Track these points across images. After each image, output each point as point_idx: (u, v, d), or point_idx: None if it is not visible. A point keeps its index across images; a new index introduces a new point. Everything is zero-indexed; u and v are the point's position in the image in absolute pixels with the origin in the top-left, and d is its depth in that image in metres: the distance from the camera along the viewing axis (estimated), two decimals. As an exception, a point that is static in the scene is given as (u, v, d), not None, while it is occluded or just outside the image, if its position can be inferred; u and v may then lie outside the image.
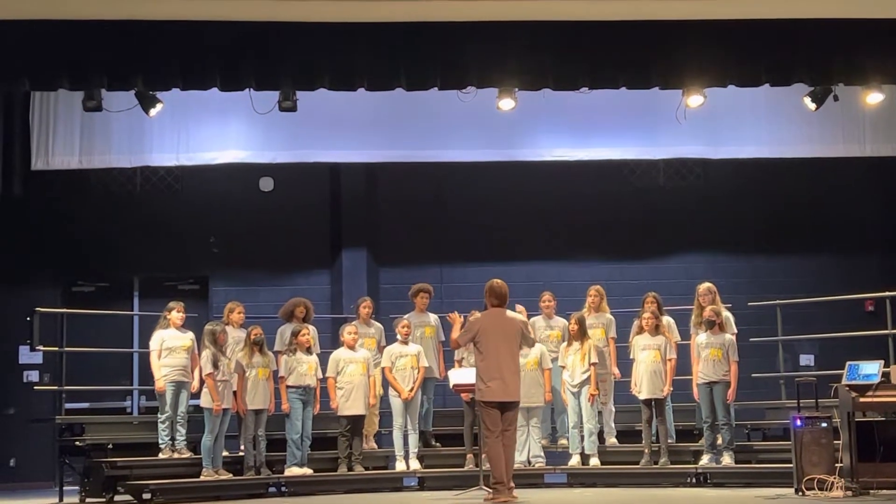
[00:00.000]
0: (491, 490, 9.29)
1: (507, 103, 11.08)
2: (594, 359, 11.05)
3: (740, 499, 9.81)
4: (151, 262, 13.81)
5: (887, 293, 11.37)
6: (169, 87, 10.33)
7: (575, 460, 11.16)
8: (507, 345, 9.27)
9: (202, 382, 10.69)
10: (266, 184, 14.01)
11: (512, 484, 9.30)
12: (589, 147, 13.25)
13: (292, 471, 10.88)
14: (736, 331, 11.19)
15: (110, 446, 10.95)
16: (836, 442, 9.66)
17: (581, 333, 11.13)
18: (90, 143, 12.73)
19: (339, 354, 11.18)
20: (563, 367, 11.20)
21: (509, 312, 9.48)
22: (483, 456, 10.19)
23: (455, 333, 9.60)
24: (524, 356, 10.97)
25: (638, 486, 10.92)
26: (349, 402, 11.02)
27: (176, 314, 11.02)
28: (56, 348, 11.35)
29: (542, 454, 11.21)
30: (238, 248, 13.90)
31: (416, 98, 11.03)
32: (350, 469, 11.03)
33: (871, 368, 9.60)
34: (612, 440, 11.44)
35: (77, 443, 10.97)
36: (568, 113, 12.70)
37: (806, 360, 13.87)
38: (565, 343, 11.31)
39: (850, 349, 11.15)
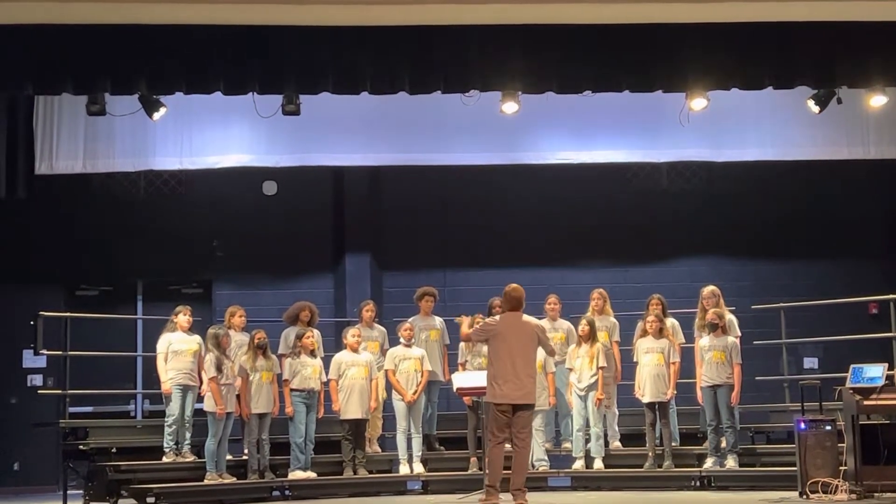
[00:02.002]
0: (486, 493, 9.31)
1: (510, 106, 11.08)
2: (602, 363, 11.04)
3: (744, 502, 9.81)
4: (155, 266, 13.84)
5: (891, 296, 11.36)
6: (172, 91, 10.34)
7: (579, 464, 11.14)
8: (522, 348, 9.24)
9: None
10: (269, 187, 14.03)
11: (525, 488, 9.25)
12: (592, 150, 13.26)
13: (296, 474, 10.88)
14: (739, 333, 11.17)
15: (114, 450, 10.94)
16: (840, 445, 9.65)
17: (591, 336, 11.11)
18: (94, 147, 12.74)
19: (341, 357, 11.18)
20: (571, 370, 11.19)
21: (525, 317, 9.46)
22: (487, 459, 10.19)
23: (465, 328, 9.66)
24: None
25: (642, 489, 10.91)
26: (349, 405, 11.01)
27: (183, 318, 11.03)
28: (60, 352, 11.35)
29: (546, 458, 11.20)
30: (241, 252, 13.92)
31: (419, 101, 11.02)
32: (354, 473, 11.02)
33: (875, 371, 9.60)
34: (615, 443, 11.42)
35: (81, 447, 10.96)
36: (571, 116, 12.71)
37: (810, 363, 13.86)
38: (574, 345, 11.29)
39: (854, 352, 11.13)
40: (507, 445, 9.39)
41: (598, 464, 11.10)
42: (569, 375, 11.22)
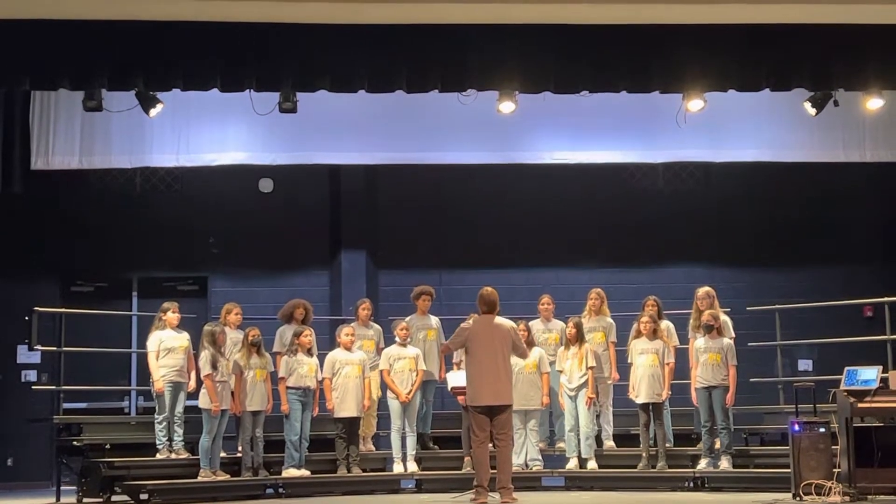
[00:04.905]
0: (475, 493, 9.38)
1: (507, 106, 11.09)
2: (591, 363, 11.06)
3: (737, 503, 9.81)
4: (150, 262, 13.84)
5: (886, 299, 11.38)
6: (169, 88, 10.31)
7: (572, 464, 11.16)
8: (496, 350, 9.42)
9: (200, 383, 10.69)
10: (266, 185, 14.02)
11: (511, 486, 9.38)
12: (589, 150, 13.27)
13: (290, 472, 10.88)
14: (734, 335, 11.17)
15: (108, 446, 10.94)
16: (833, 447, 9.65)
17: (579, 337, 11.15)
18: (90, 143, 12.73)
19: (336, 356, 11.18)
20: (561, 372, 11.20)
21: (499, 319, 9.62)
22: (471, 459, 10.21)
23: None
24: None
25: (635, 489, 10.92)
26: (344, 403, 11.01)
27: (172, 315, 11.02)
28: (54, 348, 11.33)
29: (540, 457, 11.21)
30: (237, 249, 13.92)
31: (416, 100, 11.02)
32: (348, 471, 11.02)
33: (869, 374, 9.59)
34: (609, 444, 11.43)
35: (74, 443, 10.94)
36: (568, 116, 12.71)
37: (804, 365, 13.87)
38: (563, 347, 11.31)
39: (849, 354, 11.13)
40: (491, 445, 9.49)
41: (592, 464, 11.11)
42: (560, 376, 11.23)
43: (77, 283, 13.94)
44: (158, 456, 10.79)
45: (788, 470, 9.74)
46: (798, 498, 9.48)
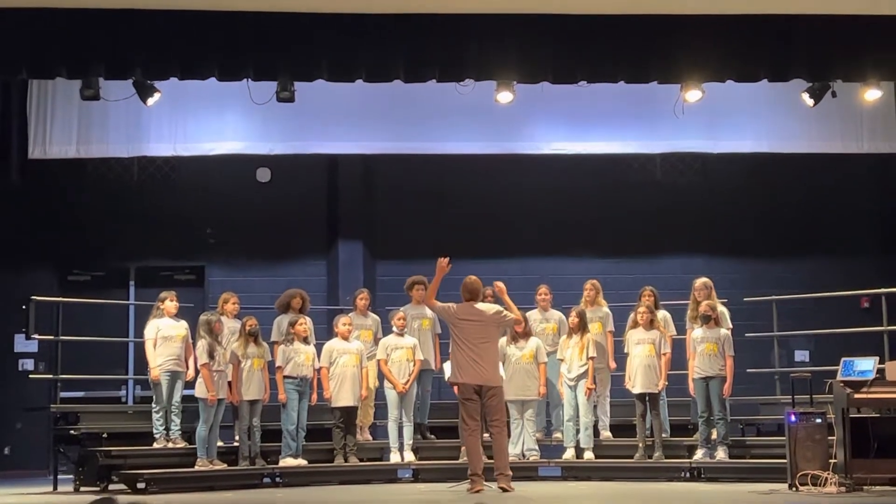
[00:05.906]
0: (470, 482, 9.39)
1: (505, 96, 11.09)
2: (592, 353, 11.06)
3: (734, 494, 9.81)
4: (148, 251, 13.84)
5: (883, 290, 11.38)
6: (167, 77, 10.32)
7: (569, 454, 11.16)
8: (482, 334, 9.45)
9: (197, 372, 10.69)
10: (263, 174, 14.01)
11: (509, 472, 9.38)
12: (587, 140, 13.27)
13: (287, 462, 10.88)
14: (731, 326, 11.17)
15: (105, 435, 10.91)
16: (830, 438, 9.65)
17: (581, 327, 11.14)
18: (87, 132, 12.72)
19: (333, 345, 11.18)
20: (562, 361, 11.21)
21: (481, 304, 9.66)
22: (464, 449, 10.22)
23: (433, 289, 9.70)
24: (520, 349, 11.02)
25: (632, 479, 10.92)
26: (341, 393, 11.02)
27: (170, 303, 11.02)
28: (52, 337, 11.32)
29: (537, 447, 11.22)
30: (234, 239, 13.92)
31: (414, 90, 11.02)
32: (345, 460, 11.03)
33: (866, 365, 9.60)
34: (606, 434, 11.44)
35: (72, 432, 10.92)
36: (566, 106, 12.72)
37: (801, 355, 13.89)
38: (564, 336, 11.31)
39: (846, 345, 11.16)
40: (486, 435, 9.48)
41: (589, 454, 11.12)
42: (560, 366, 11.24)
43: (74, 273, 13.95)
44: (155, 445, 10.79)
45: (785, 460, 9.75)
46: (794, 488, 9.49)
